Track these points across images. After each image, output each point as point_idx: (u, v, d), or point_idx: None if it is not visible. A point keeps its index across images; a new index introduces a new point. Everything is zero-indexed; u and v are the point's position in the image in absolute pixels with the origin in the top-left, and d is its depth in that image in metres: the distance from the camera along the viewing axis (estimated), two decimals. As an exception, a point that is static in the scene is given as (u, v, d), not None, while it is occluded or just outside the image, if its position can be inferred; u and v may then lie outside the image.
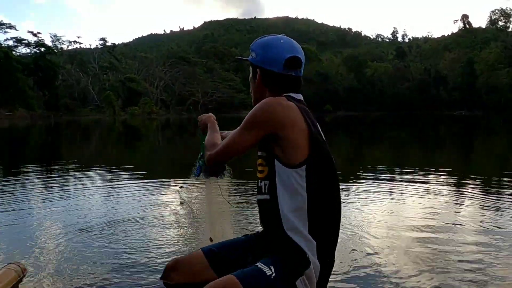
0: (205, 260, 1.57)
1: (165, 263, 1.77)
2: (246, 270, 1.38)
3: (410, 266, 2.10)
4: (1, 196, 3.99)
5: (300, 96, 1.51)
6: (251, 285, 1.33)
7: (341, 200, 1.49)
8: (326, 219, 1.42)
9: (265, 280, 1.34)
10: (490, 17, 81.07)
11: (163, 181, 4.91)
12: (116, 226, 2.78)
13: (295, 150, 1.36)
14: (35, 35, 53.55)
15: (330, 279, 1.85)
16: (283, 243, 1.39)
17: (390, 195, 4.08)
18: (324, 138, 1.47)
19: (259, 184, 1.48)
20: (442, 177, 5.24)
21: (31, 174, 5.68)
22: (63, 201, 3.77)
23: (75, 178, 5.33)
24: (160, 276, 1.70)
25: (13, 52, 49.39)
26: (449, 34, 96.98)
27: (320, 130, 1.48)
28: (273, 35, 1.55)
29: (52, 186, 4.73)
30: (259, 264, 1.38)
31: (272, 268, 1.36)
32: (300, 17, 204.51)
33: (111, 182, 4.99)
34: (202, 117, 1.80)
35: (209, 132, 1.67)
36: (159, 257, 2.18)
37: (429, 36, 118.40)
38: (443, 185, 4.66)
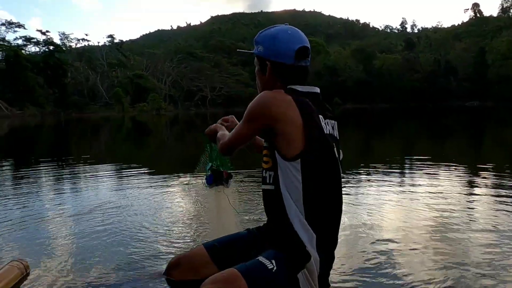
0: (207, 256, 1.62)
1: (169, 259, 1.79)
2: (247, 264, 1.41)
3: (420, 262, 2.04)
4: (10, 192, 4.01)
5: (312, 89, 1.51)
6: (253, 278, 1.35)
7: (351, 192, 1.46)
8: (323, 213, 1.43)
9: (266, 273, 1.36)
10: (502, 5, 79.61)
11: (171, 177, 4.89)
12: (122, 223, 2.76)
13: (289, 143, 1.38)
14: (43, 33, 54.21)
15: (340, 273, 1.85)
16: (285, 233, 1.41)
17: (400, 187, 4.01)
18: (327, 131, 1.46)
19: (264, 174, 1.50)
20: (453, 169, 5.13)
21: (42, 171, 5.71)
22: (71, 198, 3.77)
23: (85, 175, 5.34)
24: (163, 272, 1.74)
25: (23, 51, 50.00)
26: (459, 23, 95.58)
27: (323, 123, 1.45)
28: (278, 26, 1.55)
29: (61, 183, 4.74)
30: (261, 258, 1.41)
31: (273, 261, 1.38)
32: (307, 9, 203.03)
33: (120, 178, 4.99)
34: (209, 127, 1.86)
35: (219, 130, 1.76)
36: (163, 253, 2.16)
37: (439, 26, 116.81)
38: (454, 177, 4.56)
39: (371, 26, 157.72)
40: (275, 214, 1.47)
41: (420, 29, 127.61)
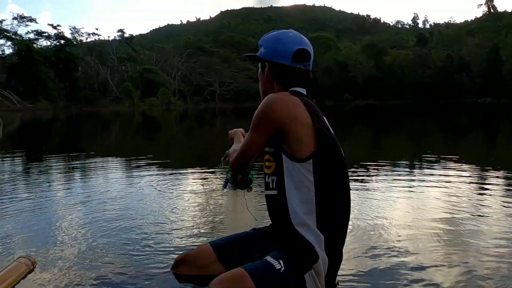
0: (213, 254, 1.62)
1: (176, 256, 1.81)
2: (255, 264, 1.40)
3: (430, 260, 2.00)
4: (20, 186, 4.05)
5: (303, 90, 1.51)
6: (260, 278, 1.34)
7: (360, 189, 1.43)
8: (334, 213, 1.42)
9: (274, 273, 1.35)
10: (517, 0, 77.74)
11: (184, 173, 4.88)
12: (131, 219, 2.75)
13: (300, 144, 1.37)
14: (55, 27, 54.55)
15: (349, 272, 1.82)
16: (291, 237, 1.40)
17: (410, 185, 3.94)
18: (331, 132, 1.46)
19: (267, 180, 1.49)
20: (464, 167, 5.04)
21: (52, 164, 5.76)
22: (81, 192, 3.78)
23: (95, 169, 5.37)
24: (170, 267, 1.76)
25: (34, 45, 50.38)
26: (473, 19, 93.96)
27: (327, 123, 1.46)
28: (281, 30, 1.56)
29: (72, 177, 4.78)
30: (268, 258, 1.40)
31: (281, 262, 1.37)
32: (317, 4, 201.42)
33: (130, 173, 5.01)
34: (231, 131, 1.87)
35: (234, 142, 1.76)
36: (171, 249, 2.15)
37: (452, 22, 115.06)
38: (466, 175, 4.48)
39: (382, 21, 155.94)
40: (279, 219, 1.47)
41: (432, 24, 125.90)
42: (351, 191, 1.51)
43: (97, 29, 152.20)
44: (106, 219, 2.73)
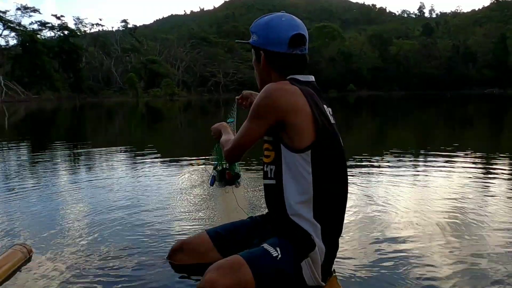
0: (210, 242, 1.61)
1: (172, 244, 1.78)
2: (252, 251, 1.40)
3: (434, 253, 1.95)
4: (21, 175, 4.05)
5: (308, 77, 1.47)
6: (257, 265, 1.35)
7: (363, 182, 1.39)
8: (331, 204, 1.42)
9: (271, 261, 1.36)
10: (525, -11, 76.62)
11: (183, 162, 4.86)
12: (126, 208, 2.74)
13: (300, 134, 1.35)
14: (58, 18, 55.05)
15: (352, 265, 1.80)
16: (288, 226, 1.41)
17: (416, 177, 3.89)
18: (332, 120, 1.44)
19: (265, 169, 1.47)
20: (470, 158, 4.98)
21: (56, 154, 5.76)
22: (79, 181, 3.76)
23: (99, 159, 5.37)
24: (166, 256, 1.74)
25: (38, 36, 50.36)
26: (480, 8, 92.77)
27: (327, 112, 1.43)
28: (274, 14, 1.49)
29: (74, 167, 4.76)
30: (265, 245, 1.40)
31: (278, 249, 1.38)
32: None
33: (129, 163, 4.99)
34: (214, 126, 1.81)
35: (223, 134, 1.69)
36: (167, 238, 2.14)
37: (458, 11, 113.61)
38: (471, 167, 4.41)
39: (387, 11, 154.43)
40: (276, 208, 1.46)
41: (439, 14, 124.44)
42: (355, 183, 1.48)
43: (100, 19, 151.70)
44: (100, 209, 2.70)
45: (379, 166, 4.42)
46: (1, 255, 1.74)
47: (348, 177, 1.51)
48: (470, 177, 3.80)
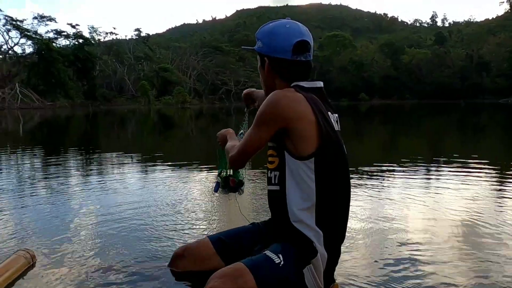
0: (212, 248, 1.61)
1: (174, 250, 1.78)
2: (254, 258, 1.41)
3: (447, 262, 1.91)
4: (33, 182, 4.08)
5: (314, 84, 1.47)
6: (260, 272, 1.35)
7: (374, 188, 1.35)
8: (334, 211, 1.43)
9: (273, 267, 1.36)
10: (541, -3, 75.67)
11: (190, 170, 4.85)
12: (131, 215, 2.74)
13: (304, 142, 1.36)
14: (73, 27, 55.38)
15: (362, 271, 1.78)
16: (290, 232, 1.41)
17: (427, 185, 3.82)
18: (336, 127, 1.45)
19: (269, 175, 1.48)
20: (482, 169, 4.86)
21: (67, 160, 5.80)
22: (90, 189, 3.77)
23: (109, 166, 5.40)
24: (168, 263, 1.74)
25: (54, 44, 51.30)
26: (494, 17, 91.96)
27: (331, 119, 1.42)
28: (279, 21, 1.50)
29: (83, 174, 4.79)
30: (268, 252, 1.41)
31: (280, 256, 1.38)
32: (333, 3, 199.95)
33: (141, 170, 5.01)
34: (220, 132, 1.83)
35: (228, 141, 1.71)
36: (169, 244, 2.14)
37: (472, 20, 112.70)
38: (484, 177, 4.31)
39: (399, 20, 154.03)
40: (279, 214, 1.45)
41: (452, 23, 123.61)
42: (366, 191, 1.45)
43: (114, 28, 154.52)
44: (103, 216, 2.71)
45: (389, 176, 4.35)
46: (4, 260, 1.74)
47: (360, 184, 1.50)
48: (484, 188, 3.73)
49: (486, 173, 4.56)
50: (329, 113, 1.43)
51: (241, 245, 1.60)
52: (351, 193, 1.52)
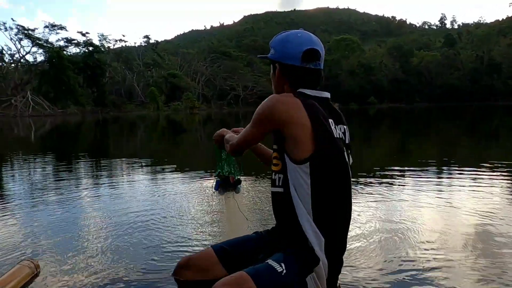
0: (216, 258, 1.61)
1: (178, 260, 1.77)
2: (257, 267, 1.41)
3: (459, 268, 1.87)
4: (41, 189, 4.10)
5: (319, 93, 1.49)
6: (262, 281, 1.35)
7: (385, 193, 1.30)
8: (332, 218, 1.43)
9: (276, 276, 1.36)
10: (552, -2, 74.67)
11: (200, 175, 4.83)
12: (134, 224, 2.73)
13: (298, 147, 1.38)
14: (83, 35, 56.26)
15: (377, 275, 1.77)
16: (294, 237, 1.42)
17: (439, 190, 3.74)
18: (336, 135, 1.45)
19: (274, 177, 1.50)
20: (495, 173, 4.76)
21: (77, 167, 5.84)
22: (96, 196, 3.79)
23: (118, 172, 5.41)
24: (172, 272, 1.72)
25: (64, 52, 52.09)
26: (504, 18, 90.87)
27: (332, 127, 1.43)
28: (292, 30, 1.55)
29: (91, 181, 4.79)
30: (270, 261, 1.41)
31: (283, 265, 1.38)
32: (341, 7, 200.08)
33: (148, 177, 5.00)
34: (216, 133, 1.88)
35: (226, 134, 1.78)
36: (173, 254, 2.13)
37: (481, 22, 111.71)
38: (496, 182, 4.21)
39: (408, 22, 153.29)
40: (284, 217, 1.48)
41: (461, 24, 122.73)
42: (377, 196, 1.40)
43: (123, 35, 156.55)
44: (107, 225, 2.71)
45: (400, 180, 4.28)
46: (9, 270, 1.73)
47: (371, 190, 1.46)
48: (497, 193, 3.64)
49: (500, 176, 4.46)
50: (331, 121, 1.44)
51: (244, 254, 1.61)
52: (353, 195, 1.51)
